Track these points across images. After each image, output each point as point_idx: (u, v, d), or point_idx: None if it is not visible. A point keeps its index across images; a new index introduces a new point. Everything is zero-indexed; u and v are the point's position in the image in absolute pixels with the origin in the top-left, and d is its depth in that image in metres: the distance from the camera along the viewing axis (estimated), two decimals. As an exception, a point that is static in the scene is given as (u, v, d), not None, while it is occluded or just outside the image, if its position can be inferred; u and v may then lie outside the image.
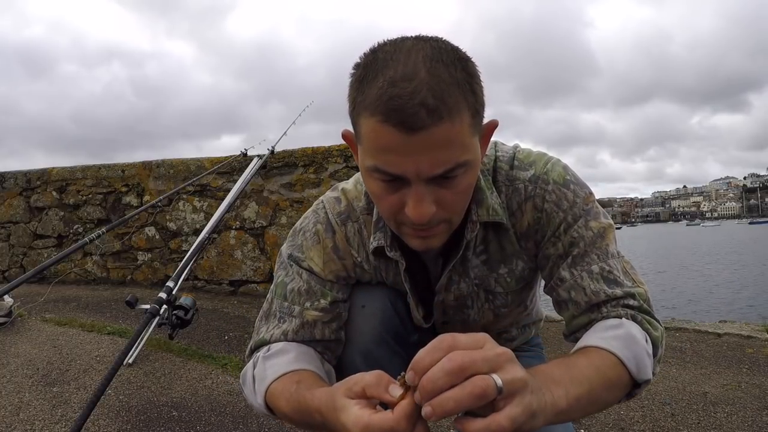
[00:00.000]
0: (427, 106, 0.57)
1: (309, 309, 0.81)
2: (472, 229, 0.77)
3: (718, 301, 12.31)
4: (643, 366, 0.67)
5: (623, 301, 0.73)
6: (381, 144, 0.61)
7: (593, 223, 0.76)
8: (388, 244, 0.79)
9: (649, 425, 1.64)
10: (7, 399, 1.80)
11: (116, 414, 1.73)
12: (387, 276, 0.86)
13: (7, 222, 4.40)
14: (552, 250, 0.78)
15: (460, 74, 0.61)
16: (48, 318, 2.80)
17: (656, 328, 0.73)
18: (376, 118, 0.60)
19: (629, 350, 0.67)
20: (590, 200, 0.78)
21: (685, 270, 21.25)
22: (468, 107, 0.61)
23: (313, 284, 0.82)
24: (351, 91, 0.65)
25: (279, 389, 0.72)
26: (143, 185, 4.01)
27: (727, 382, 1.94)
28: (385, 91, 0.59)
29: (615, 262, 0.75)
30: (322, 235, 0.84)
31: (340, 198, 0.86)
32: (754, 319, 3.83)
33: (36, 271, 1.46)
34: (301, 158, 3.49)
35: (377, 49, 0.64)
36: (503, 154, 0.82)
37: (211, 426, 1.68)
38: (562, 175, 0.78)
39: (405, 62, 0.60)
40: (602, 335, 0.69)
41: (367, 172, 0.66)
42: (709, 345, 2.39)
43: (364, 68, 0.63)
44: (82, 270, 4.16)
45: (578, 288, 0.75)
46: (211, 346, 2.46)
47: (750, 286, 15.08)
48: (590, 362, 0.64)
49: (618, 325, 0.70)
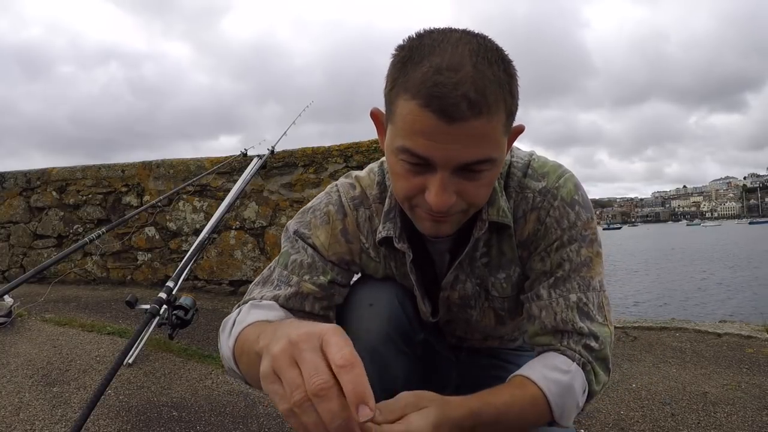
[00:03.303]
0: (468, 99, 0.58)
1: (306, 282, 0.81)
2: (480, 227, 0.78)
3: (718, 301, 12.32)
4: (568, 416, 0.73)
5: (585, 341, 0.76)
6: (416, 127, 0.61)
7: (584, 250, 0.78)
8: (396, 235, 0.80)
9: (649, 425, 1.64)
10: (7, 399, 1.80)
11: (116, 414, 1.73)
12: (394, 267, 0.86)
13: (7, 222, 4.40)
14: (539, 265, 0.80)
15: (502, 74, 0.62)
16: (48, 318, 2.80)
17: (599, 382, 0.77)
18: (417, 101, 0.60)
19: (562, 398, 0.72)
20: (589, 226, 0.79)
21: (685, 270, 21.25)
22: (505, 107, 0.62)
23: (317, 260, 0.83)
24: (392, 70, 0.65)
25: (249, 330, 0.70)
26: (143, 185, 4.01)
27: (727, 382, 1.94)
28: (429, 77, 0.59)
29: (593, 296, 0.78)
30: (333, 216, 0.85)
31: (354, 184, 0.87)
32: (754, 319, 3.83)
33: (36, 271, 1.46)
34: (301, 158, 3.49)
35: (424, 35, 0.64)
36: (518, 161, 0.82)
37: (211, 426, 1.68)
38: (571, 194, 0.79)
39: (453, 52, 0.60)
40: (547, 374, 0.73)
41: (394, 152, 0.66)
42: (709, 345, 2.39)
43: (409, 50, 0.63)
44: (82, 270, 4.16)
45: (550, 311, 0.77)
46: (211, 346, 2.45)
47: (750, 285, 15.07)
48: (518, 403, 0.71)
49: (565, 371, 0.73)
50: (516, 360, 1.02)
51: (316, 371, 0.44)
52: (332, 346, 0.45)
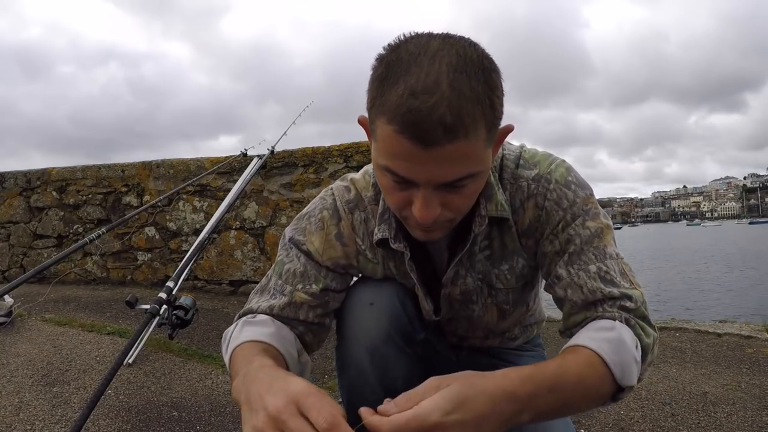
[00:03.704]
0: (444, 125, 0.57)
1: (299, 291, 0.82)
2: (480, 224, 0.78)
3: (718, 301, 12.31)
4: (629, 372, 0.67)
5: (620, 302, 0.73)
6: (395, 151, 0.61)
7: (591, 222, 0.77)
8: (392, 236, 0.81)
9: (649, 425, 1.64)
10: (7, 399, 1.80)
11: (116, 414, 1.73)
12: (394, 266, 0.87)
13: (7, 222, 4.40)
14: (549, 247, 0.79)
15: (481, 88, 0.60)
16: (48, 318, 2.80)
17: (648, 335, 0.73)
18: (393, 126, 0.59)
19: (617, 355, 0.67)
20: (590, 201, 0.79)
21: (685, 269, 21.25)
22: (485, 123, 0.61)
23: (309, 268, 0.84)
24: (371, 87, 0.64)
25: (242, 350, 0.74)
26: (143, 185, 4.01)
27: (727, 382, 1.94)
28: (404, 101, 0.58)
29: (612, 263, 0.75)
30: (327, 222, 0.86)
31: (349, 187, 0.88)
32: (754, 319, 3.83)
33: (36, 271, 1.46)
34: (301, 158, 3.49)
35: (401, 47, 0.63)
36: (510, 153, 0.83)
37: (211, 426, 1.68)
38: (564, 176, 0.79)
39: (428, 70, 0.58)
40: (593, 335, 0.69)
41: (379, 168, 0.67)
42: (709, 345, 2.39)
43: (386, 67, 0.62)
44: (82, 270, 4.16)
45: (575, 286, 0.75)
46: (211, 346, 2.45)
47: (750, 285, 15.07)
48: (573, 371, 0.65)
49: (610, 328, 0.69)
50: (516, 360, 1.02)
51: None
52: (312, 410, 0.50)
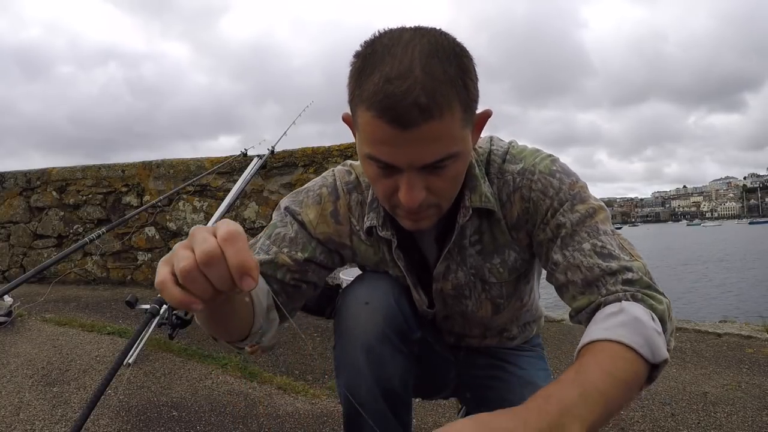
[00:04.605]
0: (419, 105, 0.60)
1: (284, 254, 0.82)
2: (464, 214, 0.80)
3: (718, 301, 12.31)
4: (657, 347, 0.63)
5: (621, 277, 0.70)
6: (376, 137, 0.65)
7: (580, 206, 0.77)
8: (379, 224, 0.83)
9: (649, 425, 1.64)
10: (7, 399, 1.80)
11: (116, 414, 1.73)
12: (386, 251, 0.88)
13: (7, 222, 4.40)
14: (542, 236, 0.79)
15: (453, 70, 0.63)
16: (48, 318, 2.80)
17: (660, 302, 0.69)
18: (371, 113, 0.63)
19: (639, 335, 0.63)
20: (576, 186, 0.78)
21: (686, 269, 21.25)
22: (460, 103, 0.64)
23: (300, 237, 0.85)
24: (350, 81, 0.68)
25: None
26: (143, 185, 4.01)
27: (727, 382, 1.94)
28: (380, 88, 0.61)
29: (607, 238, 0.74)
30: (325, 198, 0.87)
31: (350, 171, 0.90)
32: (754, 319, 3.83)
33: (36, 271, 1.46)
34: (301, 158, 3.49)
35: (376, 41, 0.66)
36: (498, 149, 0.85)
37: (211, 426, 1.68)
38: (549, 166, 0.80)
39: (401, 58, 0.62)
40: (605, 326, 0.65)
41: (364, 158, 0.70)
42: (709, 345, 2.39)
43: (362, 60, 0.65)
44: (82, 270, 4.16)
45: (573, 267, 0.74)
46: (211, 346, 2.45)
47: (750, 285, 15.07)
48: (602, 367, 0.60)
49: (619, 311, 0.66)
50: (516, 360, 1.02)
51: (204, 241, 0.47)
52: (221, 226, 0.48)
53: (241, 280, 0.46)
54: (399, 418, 0.82)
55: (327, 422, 1.71)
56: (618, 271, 0.71)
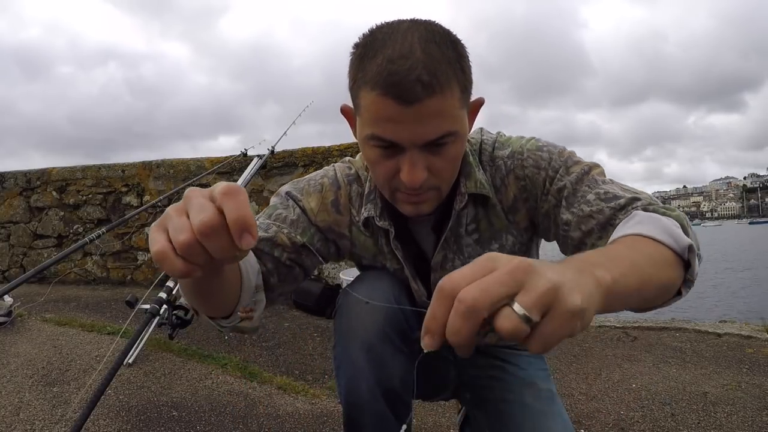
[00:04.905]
0: (422, 82, 0.64)
1: (283, 234, 0.82)
2: (460, 200, 0.82)
3: (717, 301, 12.31)
4: (677, 235, 0.61)
5: (631, 206, 0.70)
6: (380, 114, 0.67)
7: (574, 167, 0.79)
8: (377, 215, 0.84)
9: (649, 425, 1.64)
10: (7, 399, 1.80)
11: (116, 414, 1.73)
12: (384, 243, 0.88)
13: (7, 222, 4.40)
14: (546, 206, 0.81)
15: (451, 54, 0.67)
16: (48, 318, 2.80)
17: (673, 210, 0.68)
18: (376, 91, 0.66)
19: (655, 227, 0.61)
20: (565, 153, 0.81)
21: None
22: (458, 83, 0.67)
23: (301, 221, 0.85)
24: (351, 68, 0.71)
25: None
26: (143, 185, 4.01)
27: (727, 382, 1.94)
28: (384, 67, 0.65)
29: (609, 186, 0.74)
30: (326, 187, 0.89)
31: (350, 166, 0.93)
32: (754, 319, 3.83)
33: (36, 271, 1.46)
34: (301, 158, 3.49)
35: (375, 31, 0.70)
36: (488, 138, 0.88)
37: (211, 426, 1.68)
38: (535, 144, 0.83)
39: (402, 42, 0.66)
40: (623, 230, 0.63)
41: (365, 141, 0.72)
42: (709, 345, 2.39)
43: (363, 47, 0.69)
44: (82, 270, 4.16)
45: (584, 219, 0.74)
46: (211, 346, 2.46)
47: (750, 285, 15.07)
48: (625, 244, 0.58)
49: (633, 216, 0.65)
50: (515, 360, 1.02)
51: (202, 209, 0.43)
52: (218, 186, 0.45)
53: (241, 238, 0.43)
54: (399, 417, 0.82)
55: (327, 422, 1.71)
56: (627, 204, 0.71)
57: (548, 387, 0.98)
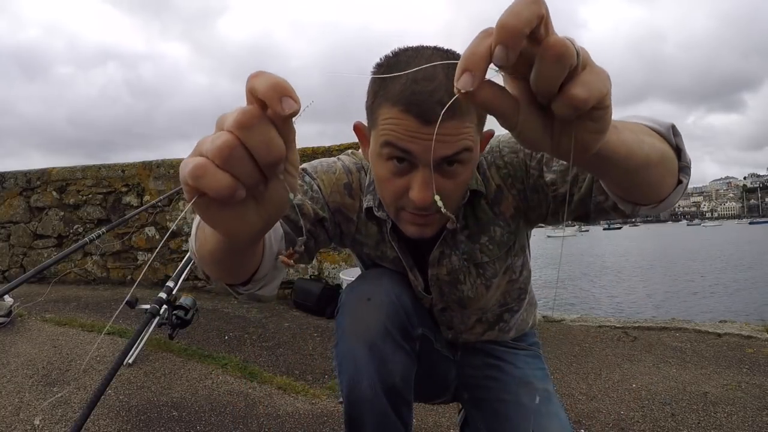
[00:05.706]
0: (443, 104, 0.65)
1: (308, 205, 0.82)
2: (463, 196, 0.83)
3: (718, 301, 12.31)
4: (665, 128, 0.60)
5: None
6: (399, 128, 0.69)
7: None
8: (375, 205, 0.86)
9: (649, 425, 1.64)
10: (7, 399, 1.80)
11: (116, 414, 1.73)
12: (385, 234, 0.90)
13: (7, 222, 4.40)
14: (533, 180, 0.82)
15: None
16: (48, 318, 2.80)
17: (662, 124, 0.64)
18: (398, 107, 0.68)
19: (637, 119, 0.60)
20: None
21: (686, 269, 21.26)
22: (476, 111, 0.69)
23: (318, 197, 0.86)
24: (373, 85, 0.73)
25: None
26: (143, 185, 4.01)
27: (727, 382, 1.94)
28: (408, 86, 0.67)
29: None
30: (339, 170, 0.91)
31: (353, 156, 0.96)
32: (754, 319, 3.82)
33: (36, 271, 1.46)
34: (301, 158, 3.49)
35: (399, 53, 0.73)
36: None
37: (211, 426, 1.68)
38: (507, 136, 0.86)
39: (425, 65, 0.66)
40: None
41: (378, 154, 0.73)
42: (709, 345, 2.39)
43: (387, 67, 0.72)
44: (82, 270, 4.16)
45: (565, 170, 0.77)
46: (211, 346, 2.46)
47: (750, 285, 15.07)
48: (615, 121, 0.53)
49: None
50: (512, 359, 1.03)
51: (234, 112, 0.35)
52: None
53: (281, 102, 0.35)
54: (400, 416, 0.82)
55: (327, 422, 1.71)
56: None
57: (545, 386, 0.98)
